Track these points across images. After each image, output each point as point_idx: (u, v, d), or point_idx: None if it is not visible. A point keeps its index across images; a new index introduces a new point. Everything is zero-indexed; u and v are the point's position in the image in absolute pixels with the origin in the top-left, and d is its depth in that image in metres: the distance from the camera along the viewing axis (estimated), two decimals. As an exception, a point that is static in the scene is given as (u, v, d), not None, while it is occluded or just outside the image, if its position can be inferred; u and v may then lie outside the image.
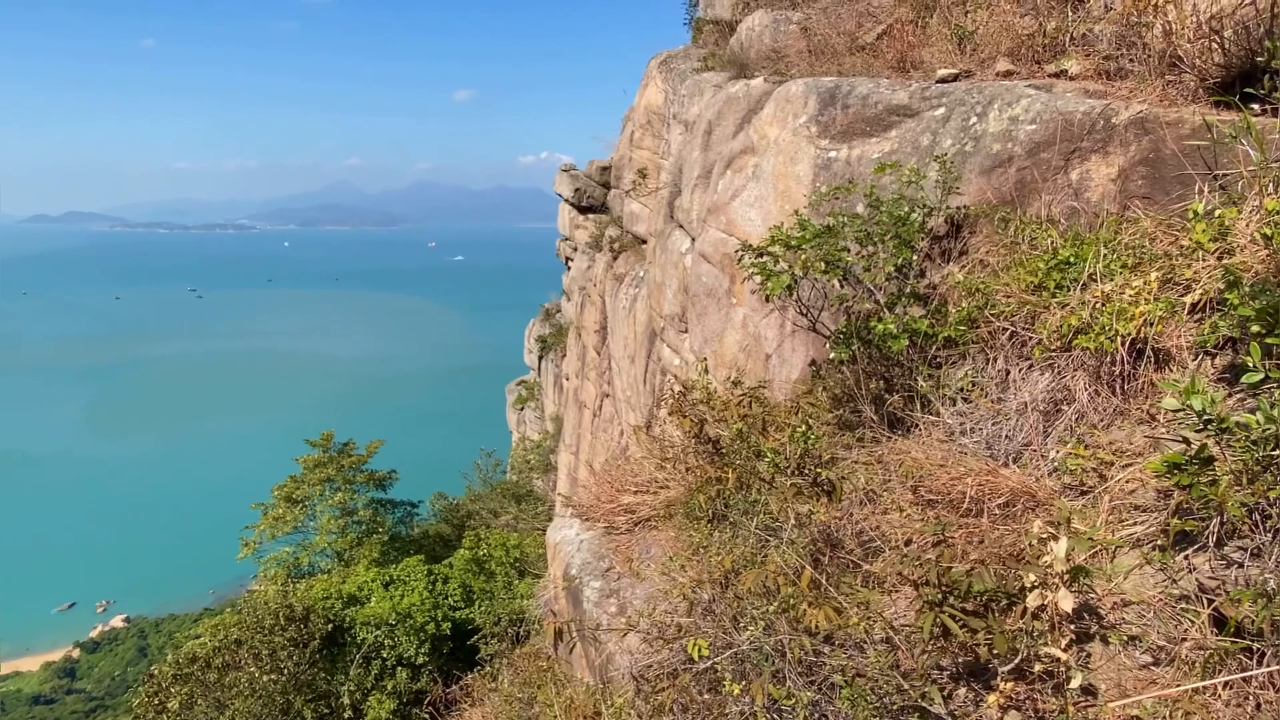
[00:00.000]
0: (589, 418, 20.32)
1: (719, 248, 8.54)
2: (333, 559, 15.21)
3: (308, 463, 16.27)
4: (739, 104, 8.84)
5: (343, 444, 16.83)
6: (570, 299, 27.82)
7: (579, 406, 22.10)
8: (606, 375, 18.50)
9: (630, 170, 18.76)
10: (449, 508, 21.88)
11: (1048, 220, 4.78)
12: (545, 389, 31.45)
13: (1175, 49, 4.82)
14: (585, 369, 21.87)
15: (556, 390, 29.08)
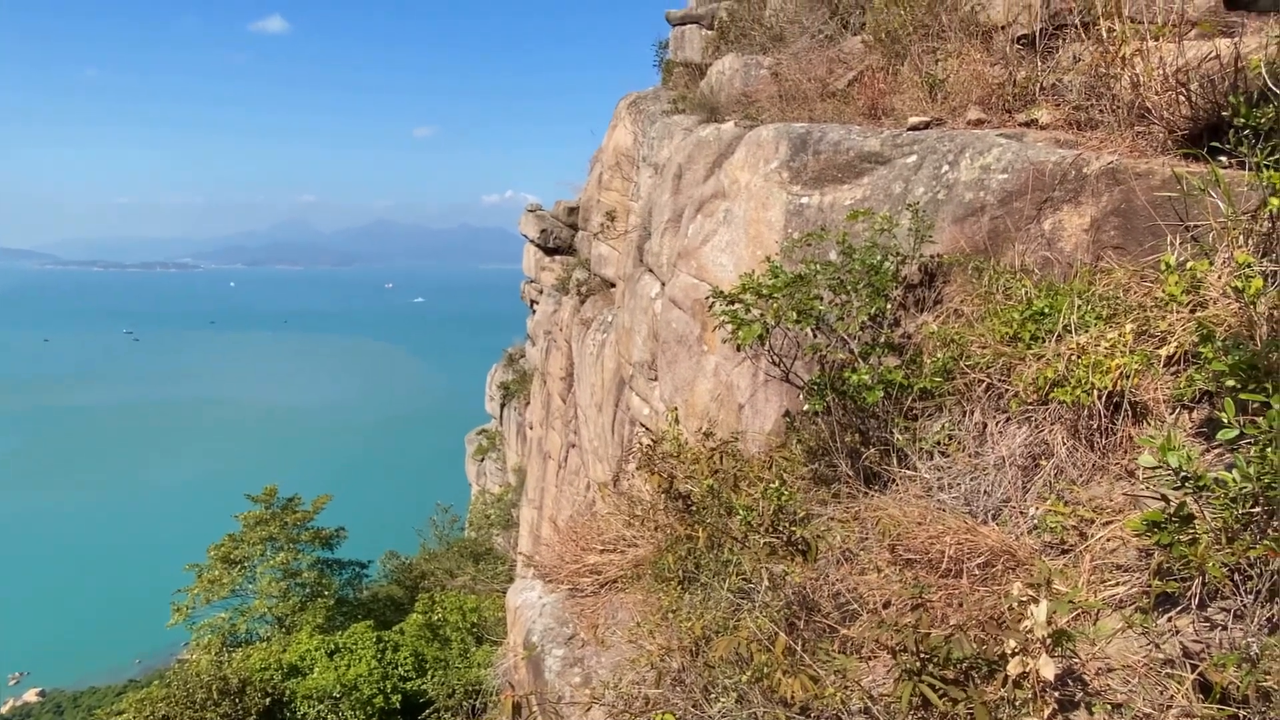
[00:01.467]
0: (554, 469, 20.15)
1: (690, 293, 8.64)
2: (273, 625, 14.72)
3: (248, 520, 15.85)
4: (710, 148, 9.06)
5: (287, 499, 16.46)
6: (535, 344, 27.81)
7: (543, 457, 21.91)
8: (573, 424, 18.42)
9: (598, 212, 19.01)
10: (401, 568, 21.39)
11: (1021, 270, 4.94)
12: (507, 438, 31.17)
13: (1143, 101, 5.07)
14: (550, 417, 21.76)
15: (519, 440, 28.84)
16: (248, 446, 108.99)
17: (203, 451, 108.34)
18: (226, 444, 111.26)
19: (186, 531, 52.45)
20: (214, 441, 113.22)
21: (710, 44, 13.50)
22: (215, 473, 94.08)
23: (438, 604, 13.17)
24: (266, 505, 15.85)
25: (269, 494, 16.02)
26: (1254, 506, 2.59)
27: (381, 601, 17.15)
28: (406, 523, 30.45)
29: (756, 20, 11.02)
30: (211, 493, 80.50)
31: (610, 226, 17.52)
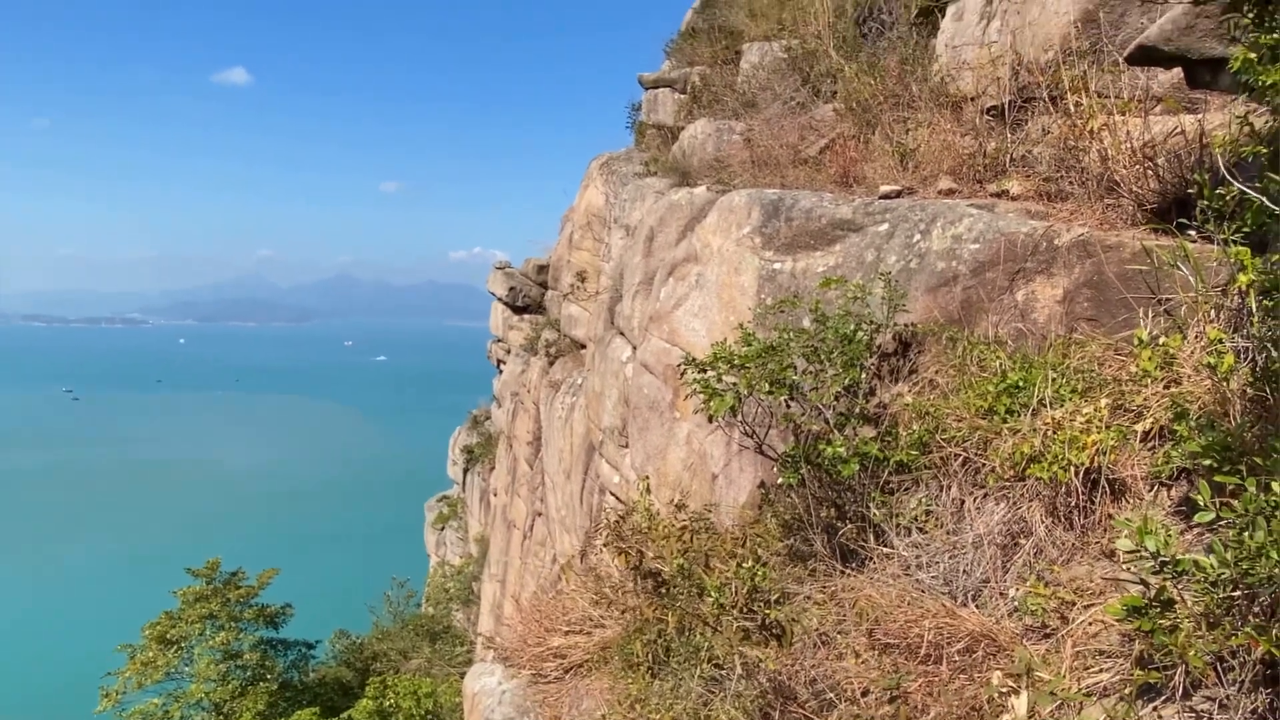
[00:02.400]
0: (518, 539, 19.82)
1: (661, 358, 8.70)
2: (210, 712, 14.08)
3: (187, 595, 15.31)
4: (682, 211, 9.24)
5: (230, 573, 15.95)
6: (501, 405, 27.63)
7: (508, 526, 21.56)
8: (539, 491, 18.20)
9: (569, 272, 19.19)
10: (352, 648, 20.67)
11: (995, 341, 5.06)
12: (470, 506, 30.67)
13: (1112, 174, 5.30)
14: (516, 484, 21.49)
15: (483, 507, 28.39)
16: (190, 514, 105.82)
17: (141, 519, 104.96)
18: (167, 511, 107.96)
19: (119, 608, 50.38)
20: (154, 509, 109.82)
21: (683, 107, 13.90)
22: (154, 543, 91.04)
23: (390, 689, 12.72)
24: (208, 580, 15.33)
25: (211, 568, 15.52)
26: (1234, 591, 2.63)
27: (329, 685, 16.51)
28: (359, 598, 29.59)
29: (729, 86, 11.40)
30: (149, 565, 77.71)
31: (580, 287, 17.68)
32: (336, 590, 54.57)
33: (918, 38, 7.98)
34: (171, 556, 30.37)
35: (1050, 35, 6.07)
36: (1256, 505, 2.31)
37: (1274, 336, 3.20)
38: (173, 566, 17.99)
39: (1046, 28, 6.10)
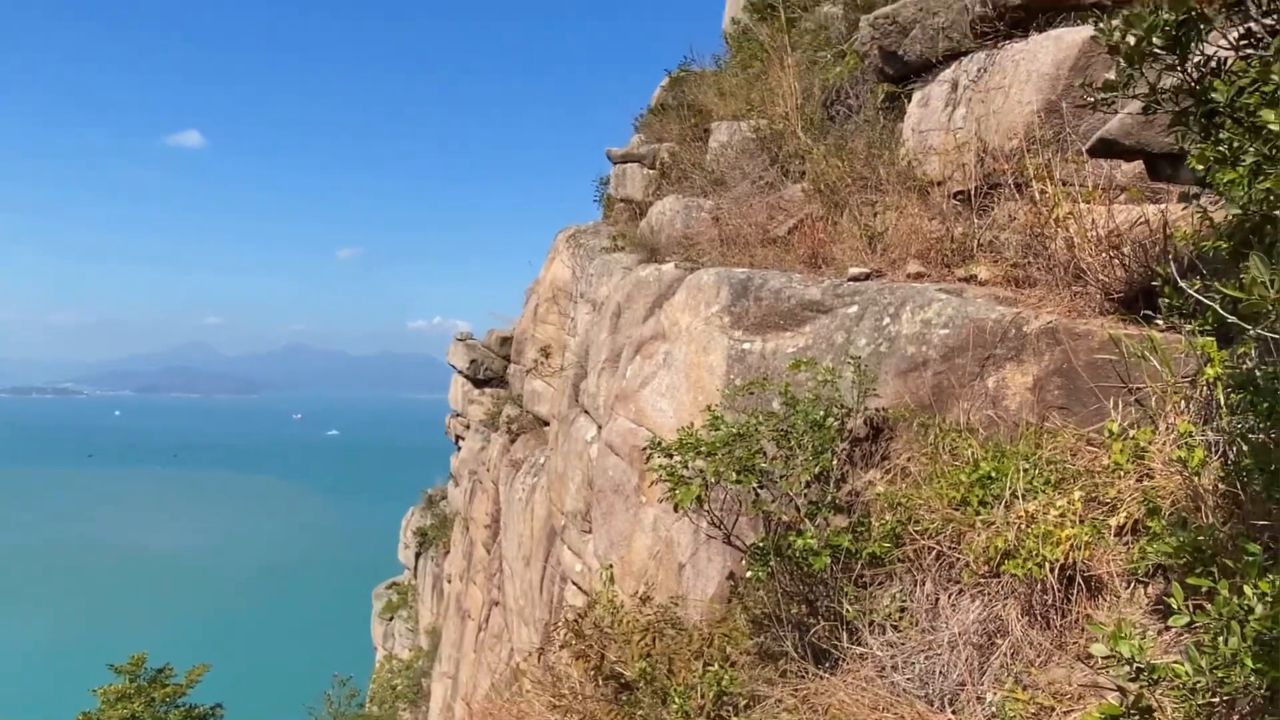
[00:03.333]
0: (473, 631, 19.26)
1: (627, 439, 8.68)
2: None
3: (108, 694, 14.55)
4: (650, 288, 9.38)
5: (156, 670, 15.22)
6: (459, 484, 27.19)
7: (461, 616, 20.96)
8: (497, 579, 17.80)
9: (533, 346, 19.23)
10: (288, 752, 19.69)
11: (967, 428, 5.14)
12: (422, 594, 29.82)
13: (1079, 261, 5.51)
14: (472, 570, 21.01)
15: (435, 596, 27.62)
16: (117, 602, 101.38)
17: (62, 608, 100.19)
18: (91, 598, 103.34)
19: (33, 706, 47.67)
20: (77, 596, 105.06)
21: (651, 183, 14.25)
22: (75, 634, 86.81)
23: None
24: (131, 677, 14.61)
25: (135, 663, 14.82)
26: (1213, 697, 2.64)
27: (261, 795, 15.65)
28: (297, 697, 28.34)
29: (697, 163, 11.74)
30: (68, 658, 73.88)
31: (544, 362, 17.70)
32: (273, 688, 52.30)
33: (884, 122, 8.33)
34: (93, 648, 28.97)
35: (1014, 124, 6.39)
36: (1230, 610, 2.35)
37: (1242, 432, 3.31)
38: (94, 660, 17.17)
39: (1010, 116, 6.42)
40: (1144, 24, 2.32)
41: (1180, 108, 2.45)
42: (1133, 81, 2.48)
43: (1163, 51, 2.35)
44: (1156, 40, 2.34)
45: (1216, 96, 2.29)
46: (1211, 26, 2.30)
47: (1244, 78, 2.23)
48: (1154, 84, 2.46)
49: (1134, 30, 2.35)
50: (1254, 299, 1.91)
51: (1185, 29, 2.30)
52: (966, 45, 7.06)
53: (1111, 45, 2.44)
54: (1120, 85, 2.51)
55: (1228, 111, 2.28)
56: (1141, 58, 2.39)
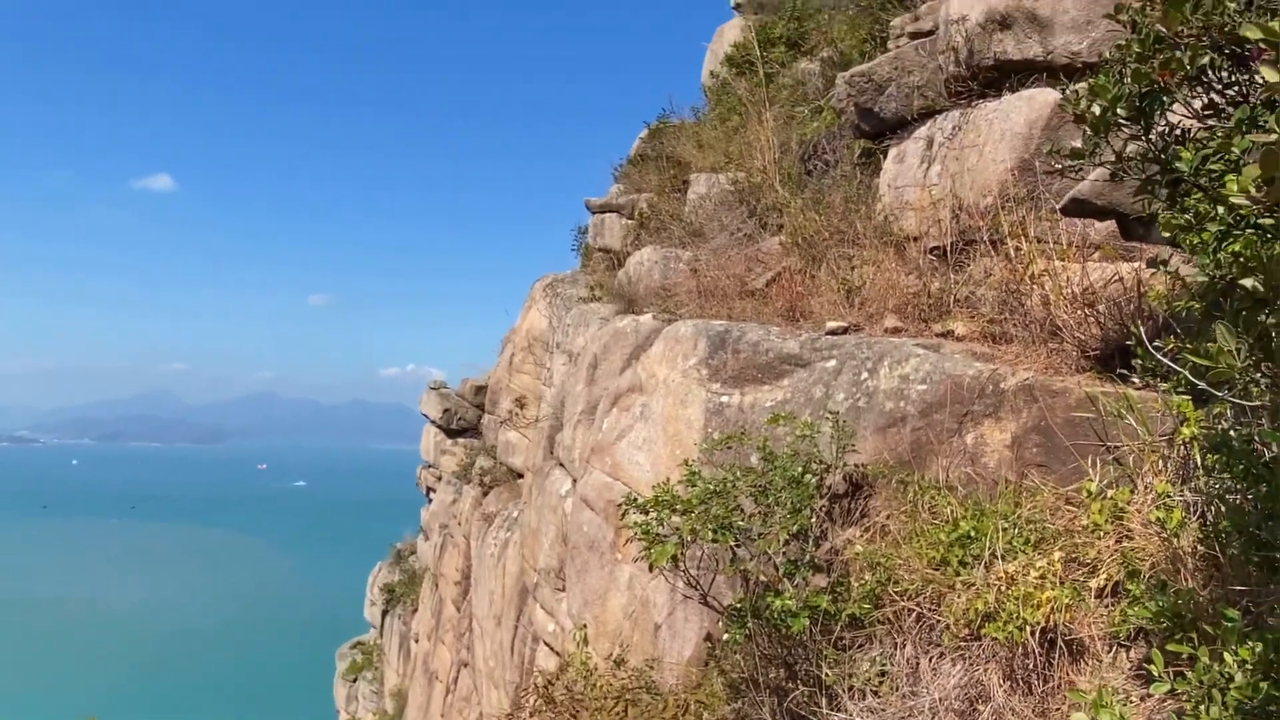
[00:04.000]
0: (440, 694, 18.80)
1: (603, 493, 8.62)
2: None
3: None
4: (627, 339, 9.41)
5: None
6: (429, 539, 26.76)
7: (429, 678, 20.47)
8: (466, 639, 17.44)
9: (507, 396, 19.16)
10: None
11: (946, 486, 5.16)
12: (388, 654, 29.12)
13: (1054, 318, 5.61)
14: (440, 629, 20.58)
15: (402, 656, 26.98)
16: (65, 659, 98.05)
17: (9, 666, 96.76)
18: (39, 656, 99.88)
19: (-33, 775, 45.57)
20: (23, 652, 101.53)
21: (630, 233, 14.40)
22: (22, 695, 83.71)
23: None
24: (77, 743, 14.11)
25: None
26: (1199, 768, 2.62)
27: None
28: (255, 762, 27.40)
29: (675, 215, 11.90)
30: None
31: (519, 413, 17.63)
32: (228, 753, 50.57)
33: (861, 177, 8.51)
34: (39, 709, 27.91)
35: (988, 181, 6.55)
36: (1210, 678, 2.35)
37: (1220, 493, 3.35)
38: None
39: (985, 174, 6.59)
40: (1108, 95, 2.41)
41: (1146, 175, 2.53)
42: (1099, 150, 2.56)
43: (1127, 122, 2.44)
44: (1121, 111, 2.43)
45: (1181, 165, 2.37)
46: (1174, 98, 2.39)
47: (1208, 147, 2.32)
48: (1120, 152, 2.55)
49: (1099, 101, 2.44)
50: (1221, 368, 1.95)
51: (1148, 100, 2.40)
52: (941, 104, 7.26)
53: (1078, 114, 2.53)
54: (1087, 153, 2.60)
55: (1193, 180, 2.36)
56: (1107, 127, 2.47)
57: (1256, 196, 1.72)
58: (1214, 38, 2.18)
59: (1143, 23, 2.29)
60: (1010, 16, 6.50)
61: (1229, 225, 2.18)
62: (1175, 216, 2.39)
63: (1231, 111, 2.26)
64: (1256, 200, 1.73)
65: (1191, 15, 2.15)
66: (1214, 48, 2.22)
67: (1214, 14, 2.11)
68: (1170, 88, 2.33)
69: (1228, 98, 2.33)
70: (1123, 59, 2.39)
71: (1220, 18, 2.11)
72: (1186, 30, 2.19)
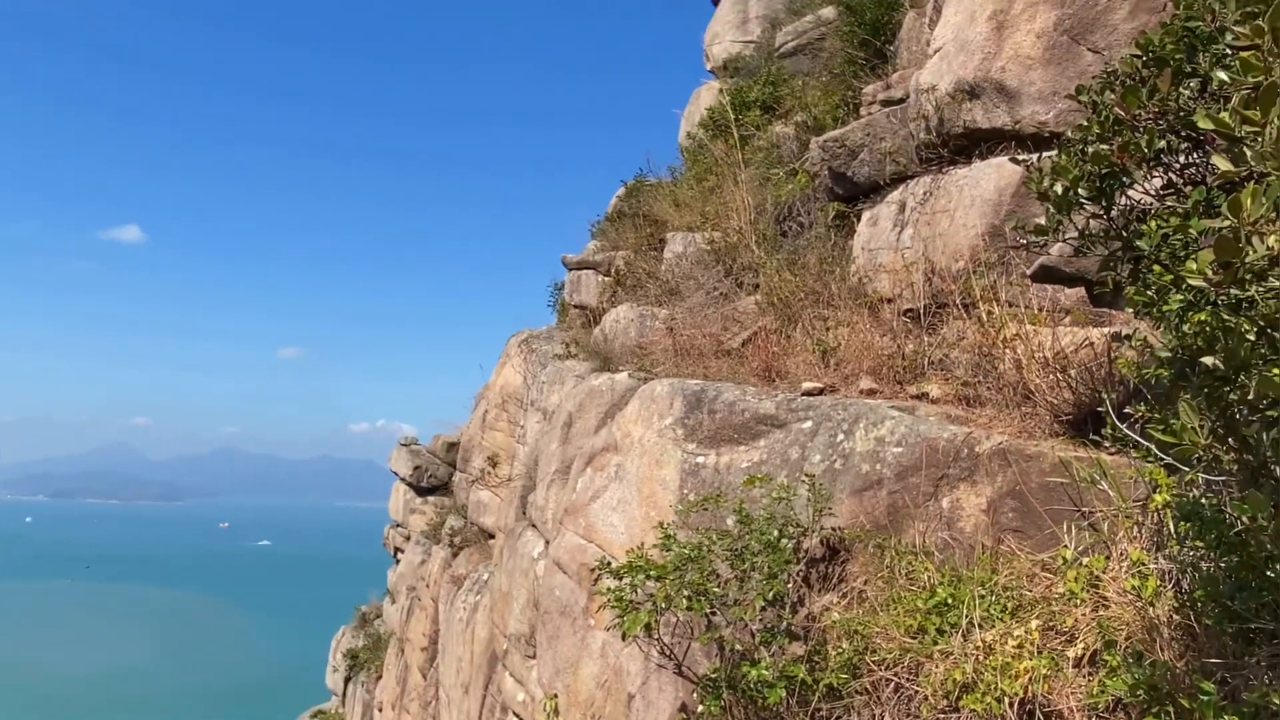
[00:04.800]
0: (405, 767, 18.20)
1: (576, 556, 8.53)
2: None
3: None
4: (602, 398, 9.42)
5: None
6: (395, 601, 26.18)
7: (393, 750, 19.83)
8: (432, 708, 16.98)
9: (480, 454, 19.00)
10: None
11: (923, 551, 5.17)
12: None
13: (1027, 382, 5.70)
14: (405, 697, 20.03)
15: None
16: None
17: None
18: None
19: None
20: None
21: (607, 289, 14.52)
22: (-45, 768, 80.00)
23: None
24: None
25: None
26: None
27: None
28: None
29: (652, 273, 12.04)
30: (-56, 799, 67.94)
31: (492, 472, 17.47)
32: (179, 830, 48.49)
33: (835, 239, 8.69)
34: (-26, 789, 26.56)
35: (960, 246, 6.71)
36: (1188, 755, 2.35)
37: (1194, 561, 3.38)
38: (-27, 804, 15.76)
39: (956, 239, 6.75)
40: (1069, 175, 2.50)
41: (1110, 250, 2.62)
42: (1063, 226, 2.65)
43: (1089, 200, 2.53)
44: (1082, 190, 2.52)
45: (1142, 245, 2.46)
46: (1133, 179, 2.49)
47: (1168, 223, 2.41)
48: (1083, 229, 2.64)
49: (1061, 180, 2.54)
50: (1185, 445, 2.00)
51: (1108, 180, 2.49)
52: (913, 169, 7.47)
53: (1041, 193, 2.62)
54: (1050, 230, 2.68)
55: (1154, 257, 2.45)
56: (1069, 206, 2.56)
57: (1213, 279, 1.79)
58: (1170, 121, 2.29)
59: (1102, 104, 2.40)
60: (979, 87, 6.74)
61: (1188, 303, 2.26)
62: (1139, 292, 2.47)
63: (1189, 192, 2.36)
64: (1213, 282, 1.80)
65: (1148, 100, 2.25)
66: (1171, 131, 2.33)
67: (1169, 100, 2.22)
68: (1129, 169, 2.42)
69: (1186, 177, 2.43)
70: (1084, 139, 2.49)
71: (1175, 103, 2.21)
72: (1144, 114, 2.30)
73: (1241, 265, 1.72)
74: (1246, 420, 2.02)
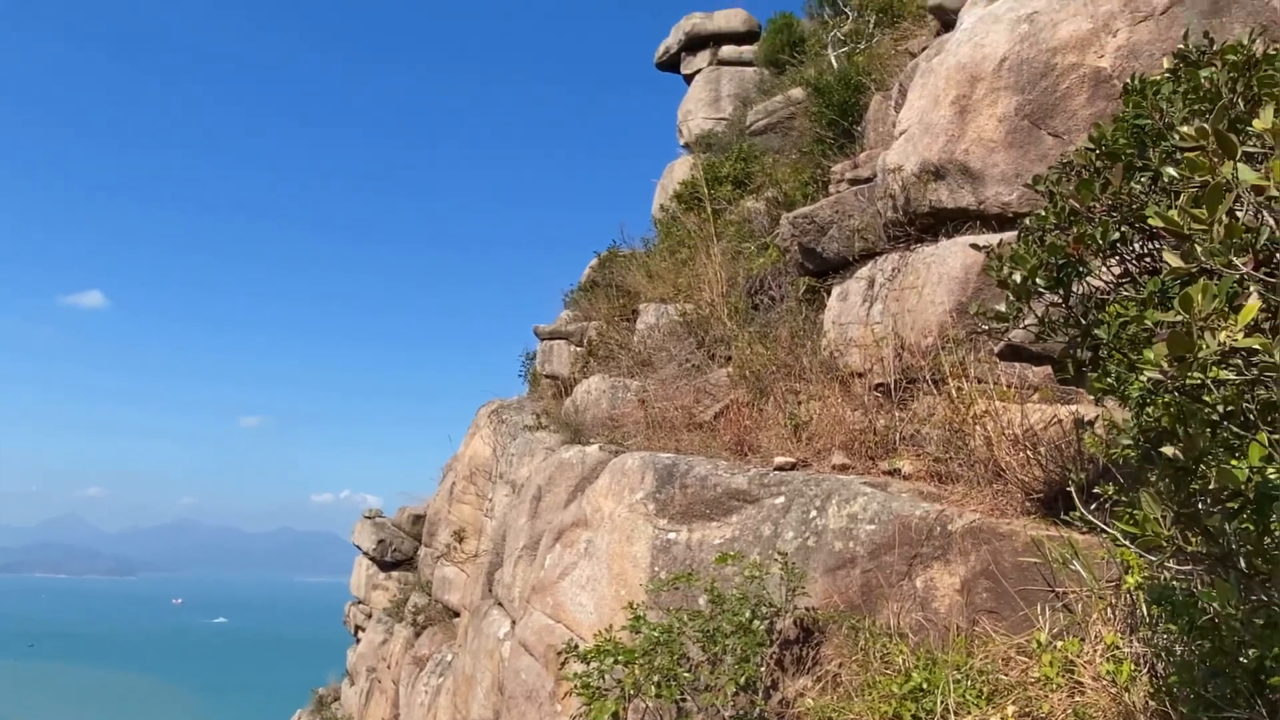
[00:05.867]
0: None
1: (543, 637, 8.35)
2: None
3: None
4: (573, 471, 9.34)
5: None
6: (355, 683, 25.30)
7: (349, 844, 18.93)
8: (391, 800, 16.29)
9: (446, 528, 18.67)
10: None
11: (898, 632, 5.12)
12: (303, 817, 26.96)
13: (998, 459, 5.75)
14: (363, 787, 19.21)
15: (319, 820, 25.00)
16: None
17: None
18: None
19: None
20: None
21: (579, 360, 14.53)
22: None
23: None
24: None
25: None
26: None
27: None
28: None
29: (624, 344, 12.09)
30: None
31: (458, 547, 17.16)
32: None
33: (806, 312, 8.81)
34: None
35: (929, 322, 6.82)
36: None
37: (1168, 645, 3.37)
38: None
39: (925, 315, 6.87)
40: (1027, 265, 2.58)
41: (1069, 338, 2.68)
42: (1022, 313, 2.72)
43: (1047, 289, 2.60)
44: (1040, 280, 2.59)
45: (1100, 333, 2.52)
46: (1089, 269, 2.56)
47: (1126, 313, 2.48)
48: (1042, 317, 2.70)
49: (1019, 269, 2.61)
50: (1148, 535, 2.02)
51: (1066, 269, 2.57)
52: (881, 246, 7.64)
53: (1000, 280, 2.69)
54: (1011, 316, 2.75)
55: (1112, 345, 2.51)
56: (1028, 294, 2.63)
57: (1169, 371, 1.84)
58: (1124, 213, 2.37)
59: (1059, 194, 2.48)
60: (944, 168, 6.95)
61: (1147, 391, 2.31)
62: (1099, 380, 2.53)
63: (1145, 281, 2.43)
64: (1168, 375, 1.84)
65: (1101, 193, 2.34)
66: (1125, 222, 2.41)
67: (1122, 193, 2.30)
68: (1085, 259, 2.50)
69: (1142, 266, 2.51)
70: (1041, 228, 2.58)
71: (1128, 196, 2.29)
72: (1098, 206, 2.38)
73: (1195, 359, 1.77)
74: (1208, 511, 2.05)
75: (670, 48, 22.30)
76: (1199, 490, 2.03)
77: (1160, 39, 6.09)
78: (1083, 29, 6.47)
